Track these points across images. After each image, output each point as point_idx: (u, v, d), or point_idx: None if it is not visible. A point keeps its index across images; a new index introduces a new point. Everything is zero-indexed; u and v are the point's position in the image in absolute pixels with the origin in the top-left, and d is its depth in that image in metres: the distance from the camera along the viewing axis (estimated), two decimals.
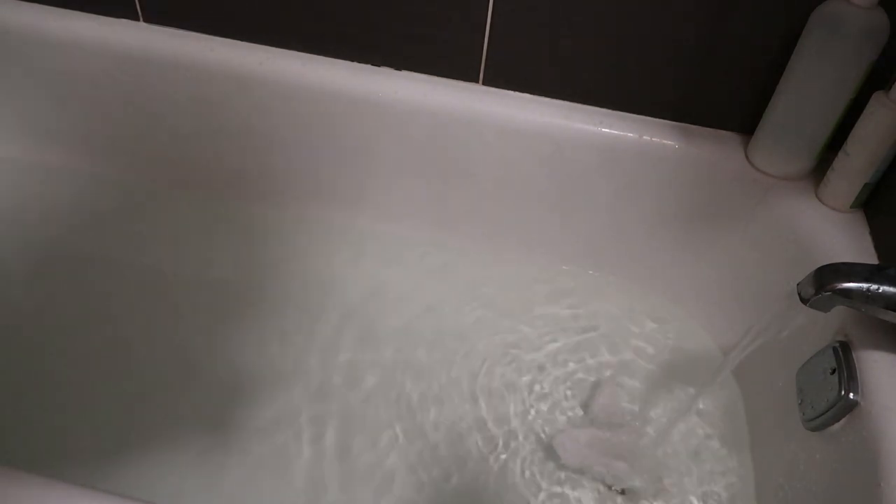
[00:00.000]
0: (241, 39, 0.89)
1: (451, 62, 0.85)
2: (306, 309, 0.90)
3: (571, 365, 0.86)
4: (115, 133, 0.98)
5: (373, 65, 0.87)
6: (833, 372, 0.59)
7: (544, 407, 0.81)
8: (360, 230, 0.98)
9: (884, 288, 0.53)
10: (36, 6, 0.91)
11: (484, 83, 0.86)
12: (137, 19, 0.90)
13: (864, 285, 0.53)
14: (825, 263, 0.56)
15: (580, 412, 0.81)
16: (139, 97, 0.93)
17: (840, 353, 0.60)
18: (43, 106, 0.99)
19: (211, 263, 0.95)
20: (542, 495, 0.74)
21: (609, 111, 0.84)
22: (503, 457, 0.77)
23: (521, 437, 0.78)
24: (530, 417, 0.80)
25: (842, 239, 0.72)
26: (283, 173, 0.96)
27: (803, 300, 0.55)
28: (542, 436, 0.79)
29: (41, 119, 1.00)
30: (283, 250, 0.96)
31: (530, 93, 0.85)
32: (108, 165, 1.02)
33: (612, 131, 0.83)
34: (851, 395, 0.57)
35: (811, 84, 0.71)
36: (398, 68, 0.87)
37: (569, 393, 0.83)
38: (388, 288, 0.93)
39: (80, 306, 0.88)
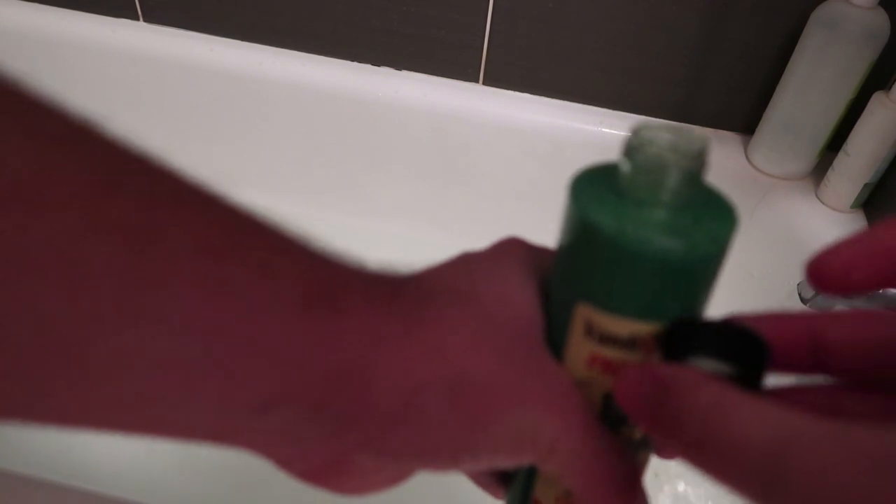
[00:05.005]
0: (241, 39, 0.89)
1: (451, 62, 0.85)
2: None
3: None
4: (114, 133, 0.98)
5: (373, 65, 0.87)
6: None
7: None
8: (359, 230, 0.98)
9: (885, 289, 0.53)
10: (36, 6, 0.91)
11: (484, 83, 0.86)
12: (137, 19, 0.90)
13: None
14: None
15: None
16: (139, 97, 0.93)
17: None
18: None
19: None
20: None
21: (609, 111, 0.84)
22: None
23: None
24: None
25: None
26: (283, 173, 0.96)
27: (804, 300, 0.56)
28: None
29: None
30: None
31: (530, 93, 0.85)
32: None
33: (612, 131, 0.83)
34: None
35: (811, 84, 0.71)
36: (398, 68, 0.87)
37: None
38: None
39: None
